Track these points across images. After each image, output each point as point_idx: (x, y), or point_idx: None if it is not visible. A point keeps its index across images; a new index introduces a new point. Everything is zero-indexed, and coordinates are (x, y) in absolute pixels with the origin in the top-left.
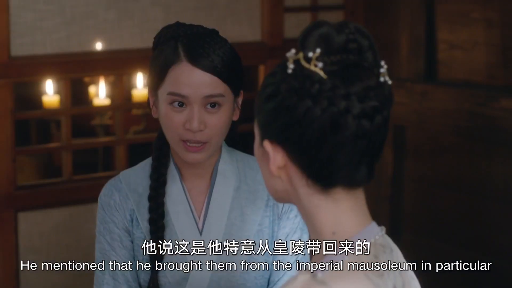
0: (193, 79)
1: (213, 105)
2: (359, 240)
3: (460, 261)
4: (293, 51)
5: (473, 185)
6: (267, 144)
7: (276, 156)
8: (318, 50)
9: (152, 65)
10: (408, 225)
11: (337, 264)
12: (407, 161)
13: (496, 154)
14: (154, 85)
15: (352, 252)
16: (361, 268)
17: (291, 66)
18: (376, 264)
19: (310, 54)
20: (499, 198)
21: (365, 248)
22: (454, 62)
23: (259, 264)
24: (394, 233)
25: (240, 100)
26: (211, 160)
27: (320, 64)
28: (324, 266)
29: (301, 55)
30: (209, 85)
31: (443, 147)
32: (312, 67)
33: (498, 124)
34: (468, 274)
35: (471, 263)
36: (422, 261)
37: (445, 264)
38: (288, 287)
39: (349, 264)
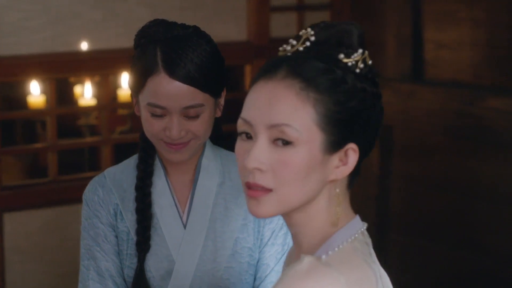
0: (171, 91)
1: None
2: (354, 227)
3: (448, 260)
4: (360, 51)
5: (461, 185)
6: (354, 147)
7: (355, 159)
8: (361, 50)
9: (133, 67)
10: (395, 225)
11: (338, 248)
12: (394, 160)
13: (483, 154)
14: (135, 89)
15: (350, 238)
16: (358, 253)
17: (361, 65)
18: (369, 251)
19: (365, 53)
20: (486, 198)
21: (358, 235)
22: (441, 62)
23: (243, 258)
24: (381, 233)
25: (222, 99)
26: (194, 156)
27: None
28: (325, 250)
29: (366, 53)
30: (188, 97)
31: (430, 147)
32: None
33: (485, 124)
34: (456, 273)
35: (458, 263)
36: (409, 260)
37: (432, 263)
38: (294, 268)
39: (348, 249)
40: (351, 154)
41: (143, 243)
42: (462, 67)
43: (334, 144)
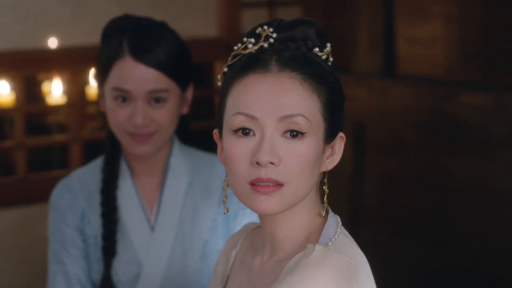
0: (136, 74)
1: (158, 100)
2: (334, 216)
3: (422, 257)
4: (329, 44)
5: (434, 181)
6: (343, 135)
7: (342, 147)
8: (329, 44)
9: (98, 59)
10: (369, 222)
11: (337, 235)
12: (367, 157)
13: (457, 150)
14: (100, 80)
15: (339, 226)
16: (349, 239)
17: (331, 58)
18: (351, 237)
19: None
20: (460, 194)
21: (341, 223)
22: (414, 58)
23: (212, 261)
24: (355, 230)
25: (189, 94)
26: (161, 155)
27: None
28: (326, 238)
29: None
30: (153, 80)
31: (404, 143)
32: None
33: (459, 120)
34: (430, 269)
35: (433, 259)
36: (383, 257)
37: (406, 260)
38: (308, 258)
39: (342, 236)
40: (339, 142)
41: (109, 248)
42: (435, 63)
43: (331, 134)
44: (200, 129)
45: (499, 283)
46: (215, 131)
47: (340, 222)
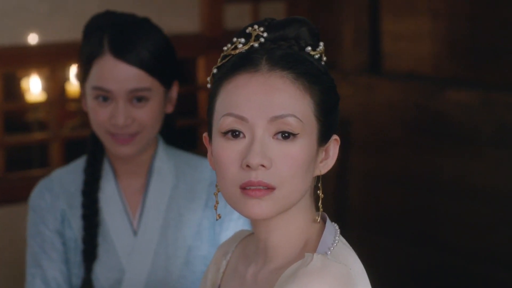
0: (117, 73)
1: (140, 99)
2: (331, 223)
3: (408, 256)
4: (322, 43)
5: (421, 179)
6: (337, 138)
7: (337, 150)
8: (322, 43)
9: (79, 57)
10: (354, 221)
11: (336, 244)
12: (352, 155)
13: (443, 148)
14: (81, 78)
15: (337, 234)
16: (347, 247)
17: (324, 58)
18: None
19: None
20: (447, 192)
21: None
22: (400, 54)
23: (197, 268)
24: (339, 230)
25: (173, 92)
26: (146, 157)
27: None
28: (325, 247)
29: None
30: (134, 79)
31: (389, 141)
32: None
33: (445, 117)
34: (417, 269)
35: (419, 259)
36: (369, 257)
37: (392, 260)
38: (305, 267)
39: (341, 244)
40: (334, 145)
41: (90, 251)
42: (421, 59)
43: (325, 135)
44: (182, 126)
45: (486, 283)
46: (205, 135)
47: (338, 230)
